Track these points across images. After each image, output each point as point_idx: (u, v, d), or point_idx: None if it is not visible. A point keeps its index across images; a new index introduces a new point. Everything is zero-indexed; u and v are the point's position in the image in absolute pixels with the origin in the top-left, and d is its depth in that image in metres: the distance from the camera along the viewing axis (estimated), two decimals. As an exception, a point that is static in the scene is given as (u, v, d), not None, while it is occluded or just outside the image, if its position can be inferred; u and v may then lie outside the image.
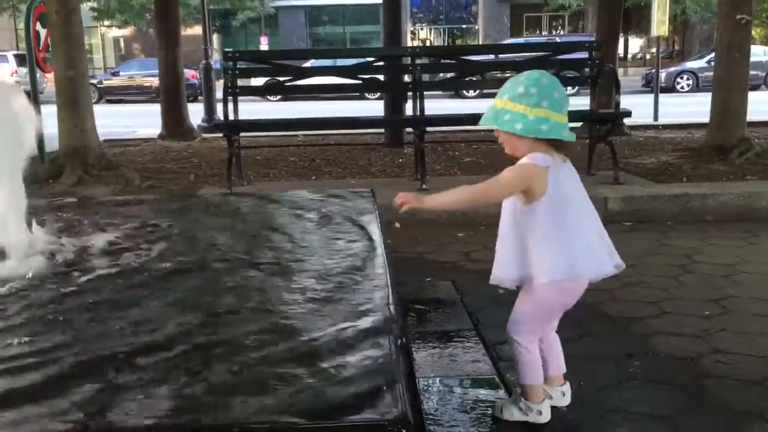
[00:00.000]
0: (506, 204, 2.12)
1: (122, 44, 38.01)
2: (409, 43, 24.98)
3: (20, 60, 21.51)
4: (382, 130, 8.69)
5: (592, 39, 9.21)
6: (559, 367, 2.25)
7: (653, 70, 13.92)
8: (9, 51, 24.60)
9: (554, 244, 2.00)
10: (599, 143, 6.03)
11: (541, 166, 1.99)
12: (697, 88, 20.84)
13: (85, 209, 2.82)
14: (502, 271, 2.09)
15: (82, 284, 1.80)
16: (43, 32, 7.12)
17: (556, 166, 2.01)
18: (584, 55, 6.23)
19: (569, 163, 2.09)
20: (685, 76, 21.74)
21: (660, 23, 12.09)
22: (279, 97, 19.29)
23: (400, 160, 7.22)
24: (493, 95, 2.12)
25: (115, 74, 24.99)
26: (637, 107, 7.34)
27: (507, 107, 2.00)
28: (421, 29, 36.68)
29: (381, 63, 6.88)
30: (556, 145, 2.02)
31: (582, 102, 6.57)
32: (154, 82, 17.52)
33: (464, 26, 36.65)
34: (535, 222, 2.01)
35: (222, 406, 1.14)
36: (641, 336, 2.93)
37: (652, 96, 12.09)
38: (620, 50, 12.01)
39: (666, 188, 5.39)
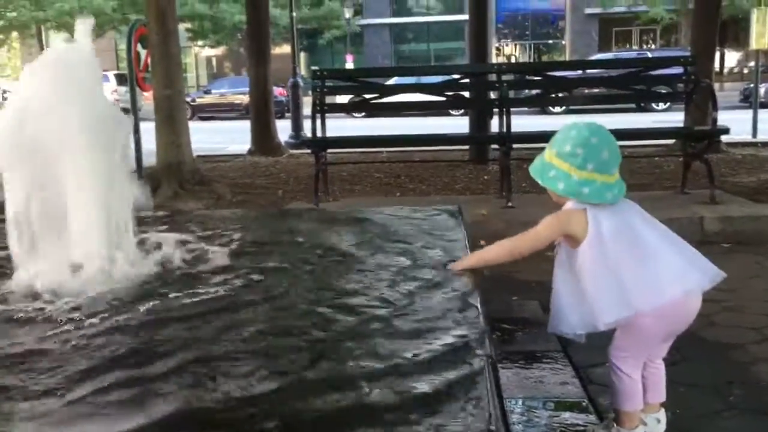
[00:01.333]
0: (558, 252, 2.09)
1: (214, 63, 39.46)
2: (494, 59, 24.86)
3: (120, 79, 22.62)
4: (467, 147, 8.66)
5: (687, 53, 8.92)
6: (658, 397, 2.16)
7: (752, 85, 13.30)
8: (110, 71, 25.94)
9: (604, 284, 1.95)
10: (694, 161, 5.81)
11: (577, 209, 1.97)
12: (800, 103, 19.81)
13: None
14: (562, 323, 2.04)
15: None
16: (143, 53, 7.48)
17: (595, 205, 1.96)
18: (677, 70, 6.03)
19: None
20: (787, 91, 20.68)
21: (759, 36, 11.56)
22: (364, 113, 19.52)
23: (485, 177, 7.18)
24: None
25: (207, 92, 25.93)
26: (735, 123, 7.03)
27: (553, 162, 1.99)
28: (507, 45, 36.42)
29: (466, 80, 6.87)
30: None
31: (674, 117, 6.36)
32: (244, 99, 18.06)
33: (551, 41, 36.17)
34: (584, 265, 1.97)
35: (308, 412, 1.16)
36: (741, 363, 2.79)
37: (750, 112, 11.57)
38: (716, 64, 11.56)
39: (766, 208, 5.14)
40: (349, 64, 31.29)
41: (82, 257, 1.98)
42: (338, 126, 8.80)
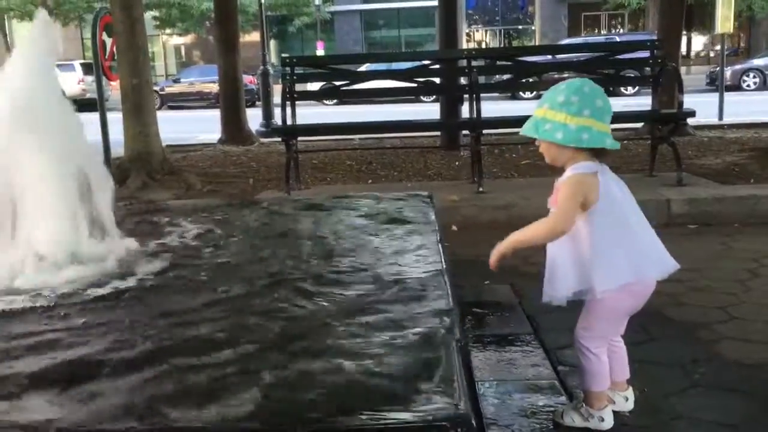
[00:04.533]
0: None
1: (183, 51, 38.95)
2: (465, 45, 24.88)
3: (86, 69, 22.24)
4: (438, 133, 8.67)
5: (654, 37, 9.01)
6: (623, 373, 2.21)
7: (717, 68, 13.50)
8: (75, 60, 25.47)
9: (614, 248, 1.97)
10: (661, 144, 5.89)
11: (591, 173, 1.97)
12: (764, 86, 20.20)
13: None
14: (559, 286, 2.04)
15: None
16: (108, 41, 7.34)
17: (603, 170, 2.00)
18: (645, 54, 6.09)
19: (609, 169, 2.06)
20: (752, 74, 21.04)
21: (724, 20, 11.72)
22: (335, 101, 19.48)
23: (457, 162, 7.20)
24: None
25: (176, 81, 25.61)
26: (701, 107, 7.14)
27: (547, 116, 1.97)
28: (477, 31, 36.47)
29: (437, 66, 6.87)
30: (597, 153, 2.00)
31: (643, 102, 6.43)
32: (214, 88, 17.89)
33: (520, 27, 36.30)
34: (592, 229, 1.97)
35: (281, 406, 1.16)
36: (707, 342, 2.85)
37: (716, 95, 11.75)
38: (683, 48, 11.67)
39: (732, 190, 5.23)
40: (320, 51, 31.10)
41: (45, 247, 1.96)
42: (310, 113, 8.77)
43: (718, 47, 16.92)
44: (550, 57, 10.04)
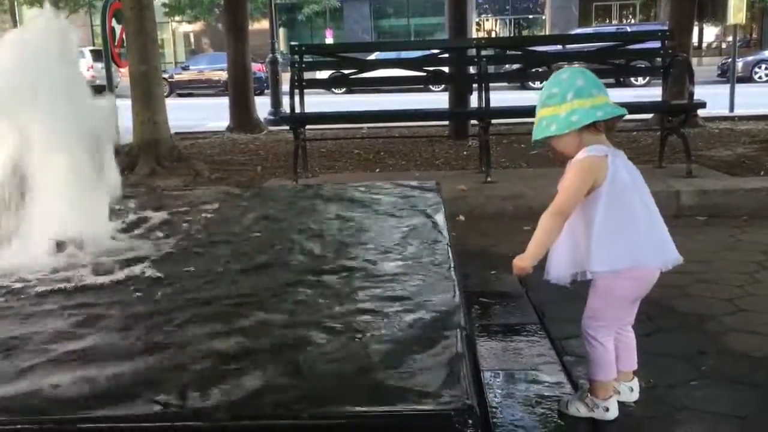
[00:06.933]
0: None
1: (192, 39, 38.88)
2: (475, 35, 24.75)
3: (96, 55, 22.22)
4: (447, 123, 8.65)
5: (665, 27, 8.93)
6: (630, 364, 2.20)
7: (729, 60, 13.38)
8: (85, 47, 25.47)
9: (614, 232, 1.97)
10: (671, 135, 5.85)
11: (599, 155, 1.98)
12: (775, 77, 20.00)
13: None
14: (557, 268, 2.05)
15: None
16: (118, 28, 7.35)
17: (612, 153, 2.00)
18: (656, 44, 6.05)
19: (623, 153, 2.06)
20: (764, 66, 20.82)
21: (736, 10, 11.60)
22: (343, 89, 19.43)
23: (465, 152, 7.18)
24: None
25: (185, 68, 25.59)
26: (712, 98, 7.09)
27: (542, 115, 2.03)
28: (487, 20, 36.25)
29: (446, 55, 6.85)
30: (606, 127, 2.00)
31: (653, 93, 6.39)
32: (223, 75, 17.88)
33: (531, 16, 36.04)
34: (595, 211, 1.97)
35: (287, 392, 1.16)
36: (714, 333, 2.84)
37: (727, 86, 11.65)
38: (694, 39, 11.56)
39: (742, 182, 5.20)
40: (329, 40, 31.00)
41: (57, 234, 1.97)
42: (319, 102, 8.76)
43: (729, 38, 16.75)
44: (560, 47, 9.98)
